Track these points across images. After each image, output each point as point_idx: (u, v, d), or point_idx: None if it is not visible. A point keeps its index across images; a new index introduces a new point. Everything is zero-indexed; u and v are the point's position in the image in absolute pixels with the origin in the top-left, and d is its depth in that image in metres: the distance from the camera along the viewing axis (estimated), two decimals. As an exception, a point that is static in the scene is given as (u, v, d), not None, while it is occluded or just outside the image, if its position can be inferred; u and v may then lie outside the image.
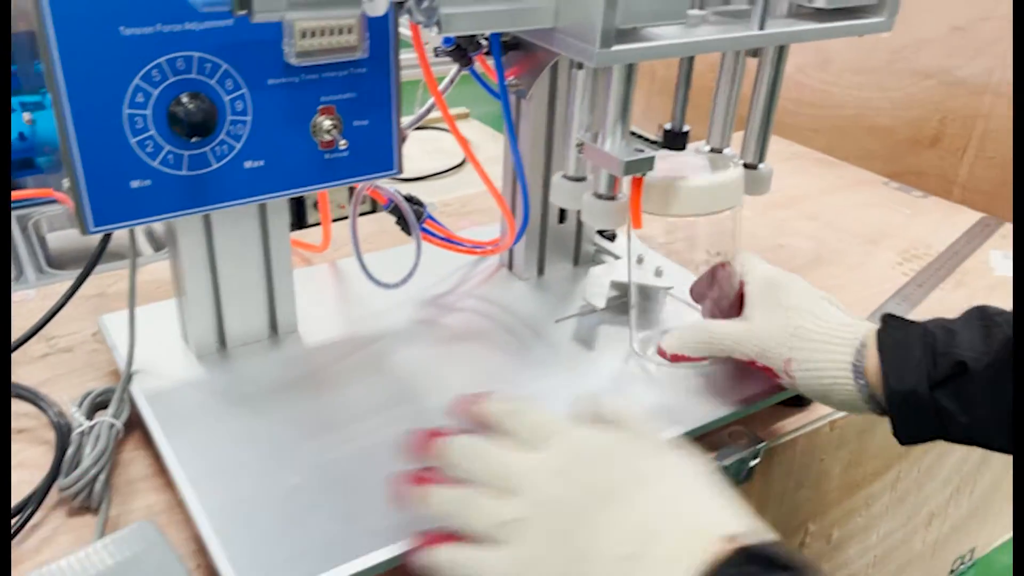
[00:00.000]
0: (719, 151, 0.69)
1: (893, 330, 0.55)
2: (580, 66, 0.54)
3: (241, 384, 0.63)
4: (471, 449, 0.44)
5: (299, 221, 1.35)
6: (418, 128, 0.67)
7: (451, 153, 1.79)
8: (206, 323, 0.65)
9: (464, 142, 0.67)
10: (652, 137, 1.98)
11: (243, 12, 0.43)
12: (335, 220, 0.82)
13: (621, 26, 0.48)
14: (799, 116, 1.56)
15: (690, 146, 0.67)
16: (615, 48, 0.48)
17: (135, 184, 0.52)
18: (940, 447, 0.81)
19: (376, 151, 0.59)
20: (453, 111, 1.87)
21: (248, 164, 0.55)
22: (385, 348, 0.67)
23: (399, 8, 0.50)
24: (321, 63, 0.55)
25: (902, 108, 1.36)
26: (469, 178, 1.68)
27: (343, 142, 0.56)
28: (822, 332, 0.57)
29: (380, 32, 0.56)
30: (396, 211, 0.73)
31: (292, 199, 0.60)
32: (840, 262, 0.91)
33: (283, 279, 0.66)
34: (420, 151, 1.94)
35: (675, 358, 0.63)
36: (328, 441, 0.57)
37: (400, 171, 0.61)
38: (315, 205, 1.29)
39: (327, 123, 0.56)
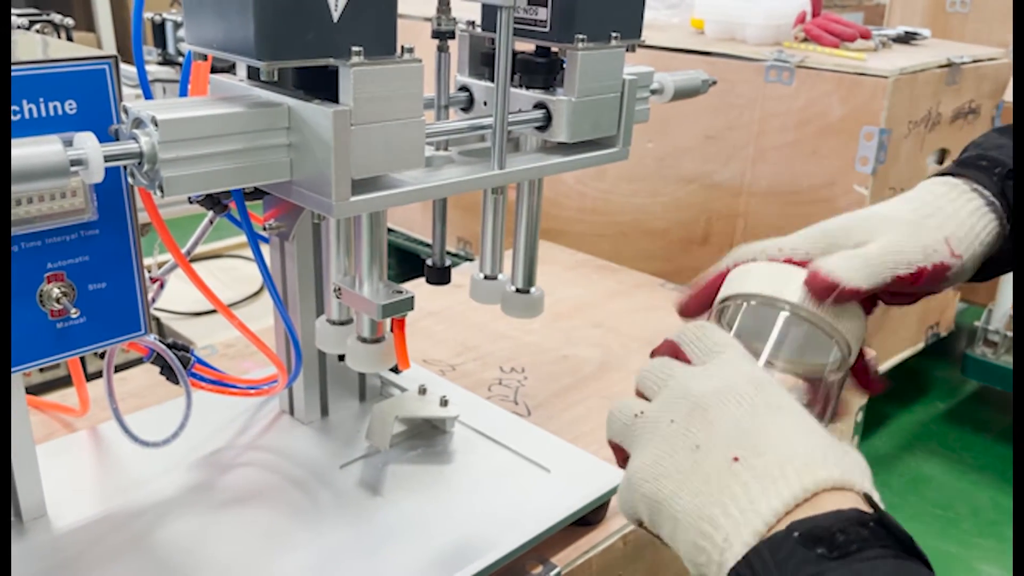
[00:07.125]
0: (493, 278, 0.71)
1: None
2: (322, 216, 0.53)
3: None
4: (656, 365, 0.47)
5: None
6: (213, 257, 0.64)
7: (251, 280, 1.73)
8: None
9: (205, 288, 0.63)
10: (452, 249, 2.01)
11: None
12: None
13: (358, 177, 0.48)
14: (583, 224, 1.64)
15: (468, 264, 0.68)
16: (354, 199, 0.48)
17: None
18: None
19: (118, 314, 0.55)
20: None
21: (-37, 343, 0.50)
22: (149, 524, 0.61)
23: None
24: (45, 228, 0.51)
25: (672, 211, 1.46)
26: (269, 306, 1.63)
27: (74, 311, 0.52)
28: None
29: (111, 192, 0.53)
30: (160, 360, 0.68)
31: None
32: (623, 367, 0.94)
33: (25, 459, 0.59)
34: (217, 282, 1.87)
35: (830, 290, 0.46)
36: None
37: (148, 331, 0.57)
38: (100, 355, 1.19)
39: (56, 291, 0.52)
